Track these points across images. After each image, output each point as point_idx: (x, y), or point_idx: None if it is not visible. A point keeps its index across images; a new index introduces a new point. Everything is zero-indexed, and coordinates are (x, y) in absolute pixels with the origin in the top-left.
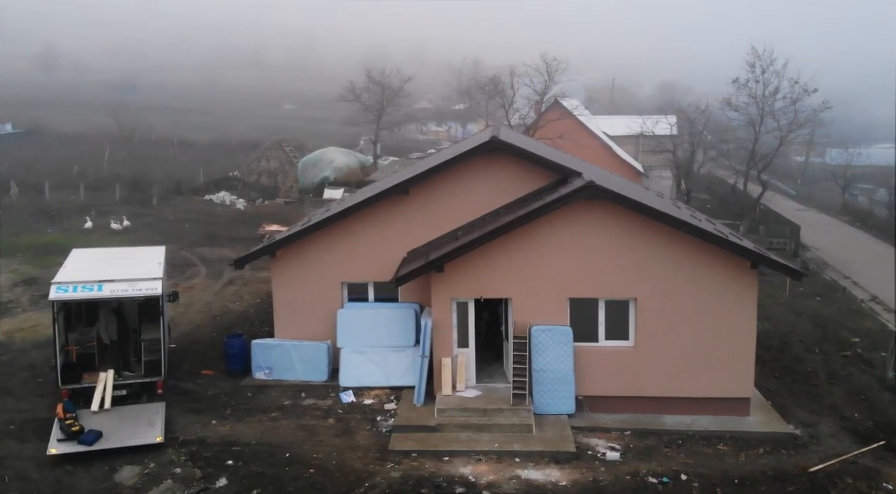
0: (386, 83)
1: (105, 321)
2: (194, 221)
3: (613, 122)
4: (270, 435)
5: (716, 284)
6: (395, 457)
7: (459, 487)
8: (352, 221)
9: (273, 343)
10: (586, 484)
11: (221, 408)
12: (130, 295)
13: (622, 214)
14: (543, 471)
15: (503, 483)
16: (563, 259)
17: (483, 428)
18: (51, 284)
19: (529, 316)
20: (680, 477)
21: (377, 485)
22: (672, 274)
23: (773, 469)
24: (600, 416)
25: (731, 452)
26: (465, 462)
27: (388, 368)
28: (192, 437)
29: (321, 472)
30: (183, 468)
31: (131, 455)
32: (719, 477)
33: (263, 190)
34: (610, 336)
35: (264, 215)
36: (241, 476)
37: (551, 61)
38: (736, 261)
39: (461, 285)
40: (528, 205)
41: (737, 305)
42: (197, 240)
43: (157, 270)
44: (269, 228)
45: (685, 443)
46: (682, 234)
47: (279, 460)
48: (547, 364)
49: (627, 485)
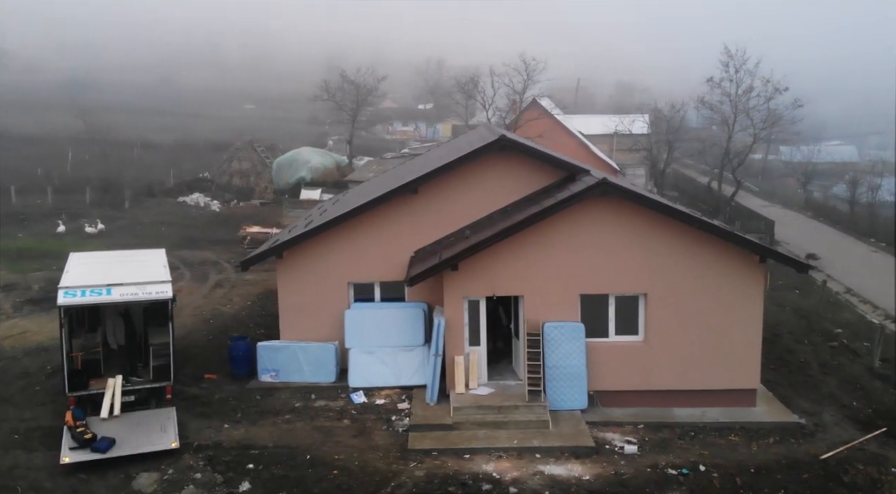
0: (361, 82)
1: (112, 325)
2: (170, 224)
3: (588, 121)
4: (287, 438)
5: (724, 279)
6: (416, 456)
7: (486, 484)
8: (359, 221)
9: (280, 345)
10: (609, 478)
11: (232, 412)
12: (140, 298)
13: (632, 210)
14: (565, 466)
15: (527, 479)
16: (574, 255)
17: (500, 425)
18: (58, 289)
19: (541, 312)
20: (699, 469)
21: (403, 485)
22: (681, 270)
23: (786, 458)
24: (612, 411)
25: (742, 442)
26: (487, 460)
27: (398, 368)
28: (208, 442)
29: (345, 473)
30: (202, 473)
31: (146, 461)
32: (736, 468)
33: (238, 191)
34: (620, 331)
35: (241, 217)
36: (264, 479)
37: (531, 61)
38: (743, 256)
39: (473, 283)
40: (537, 202)
41: (744, 299)
42: (176, 242)
43: (165, 273)
44: (251, 230)
45: (698, 435)
46: (690, 230)
47: (300, 462)
48: (560, 360)
49: (649, 478)
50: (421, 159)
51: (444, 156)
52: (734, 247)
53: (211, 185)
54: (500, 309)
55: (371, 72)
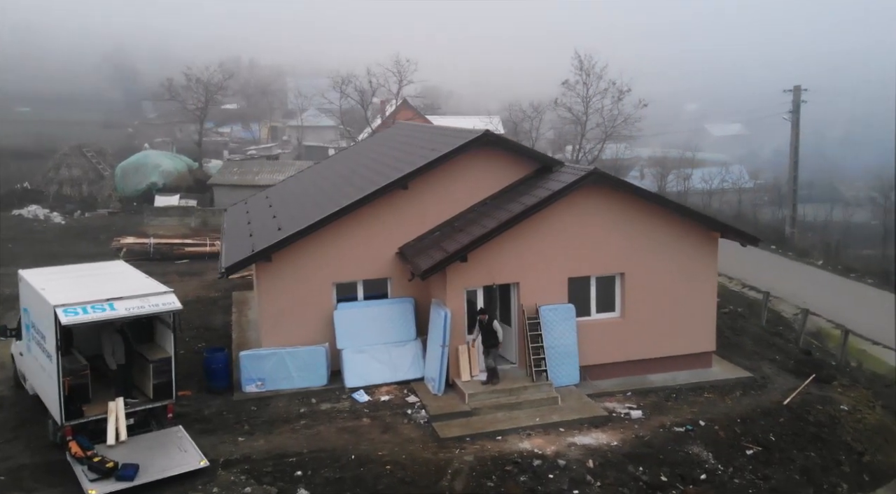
0: (208, 81)
1: (111, 343)
2: (14, 239)
3: (456, 122)
4: (318, 442)
5: (685, 254)
6: (453, 444)
7: (535, 460)
8: (346, 219)
9: (265, 352)
10: (633, 441)
11: (236, 425)
12: (147, 311)
13: (611, 196)
14: (590, 435)
15: (566, 451)
16: (563, 241)
17: (514, 407)
18: (54, 308)
19: (537, 297)
20: (699, 424)
21: (460, 470)
22: (651, 249)
23: (758, 407)
24: (599, 382)
25: (717, 398)
26: (520, 439)
27: (394, 363)
28: (235, 456)
29: (399, 467)
30: (250, 487)
31: (174, 485)
32: (726, 419)
33: (82, 201)
34: (600, 309)
35: (98, 229)
36: (319, 483)
37: (405, 62)
38: (701, 232)
39: (474, 274)
40: (527, 193)
41: (702, 271)
42: (36, 259)
43: (157, 283)
44: (125, 241)
45: (680, 396)
46: (659, 210)
47: (348, 463)
48: (555, 340)
49: (665, 437)
50: (353, 156)
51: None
52: (695, 225)
53: (48, 196)
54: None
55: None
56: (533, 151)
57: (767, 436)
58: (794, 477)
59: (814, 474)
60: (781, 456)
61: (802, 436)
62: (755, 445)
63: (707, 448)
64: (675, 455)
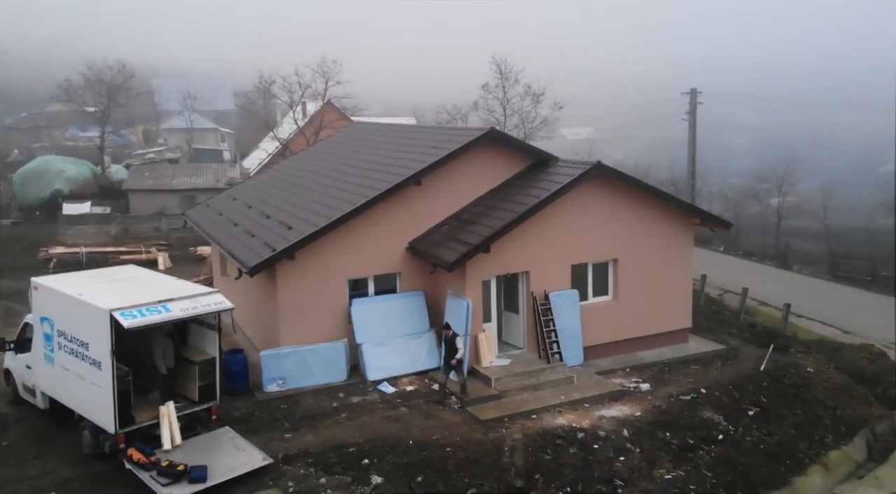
0: (112, 81)
1: (161, 347)
2: None
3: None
4: (368, 432)
5: (667, 238)
6: (496, 424)
7: (579, 433)
8: (360, 216)
9: (286, 351)
10: (654, 411)
11: (276, 424)
12: (200, 311)
13: (608, 187)
14: (614, 408)
15: (599, 423)
16: (566, 230)
17: (537, 387)
18: (110, 313)
19: (545, 284)
20: (701, 391)
21: (516, 446)
22: (640, 234)
23: (741, 374)
24: (598, 361)
25: (704, 369)
26: (553, 416)
27: (411, 355)
28: (292, 452)
29: (458, 448)
30: (324, 478)
31: (241, 483)
32: (721, 386)
33: None
34: (596, 293)
35: (8, 240)
36: (388, 469)
37: (331, 63)
38: (680, 217)
39: (490, 264)
40: (530, 186)
41: (681, 253)
42: None
43: (192, 284)
44: (55, 251)
45: (672, 369)
46: (647, 199)
47: (408, 448)
48: (563, 323)
49: (678, 405)
50: (323, 157)
51: (357, 150)
52: (677, 212)
53: None
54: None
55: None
56: (532, 147)
57: (760, 398)
58: (791, 432)
59: (804, 428)
60: (776, 415)
61: (785, 397)
62: (754, 407)
63: (716, 413)
64: (692, 420)
